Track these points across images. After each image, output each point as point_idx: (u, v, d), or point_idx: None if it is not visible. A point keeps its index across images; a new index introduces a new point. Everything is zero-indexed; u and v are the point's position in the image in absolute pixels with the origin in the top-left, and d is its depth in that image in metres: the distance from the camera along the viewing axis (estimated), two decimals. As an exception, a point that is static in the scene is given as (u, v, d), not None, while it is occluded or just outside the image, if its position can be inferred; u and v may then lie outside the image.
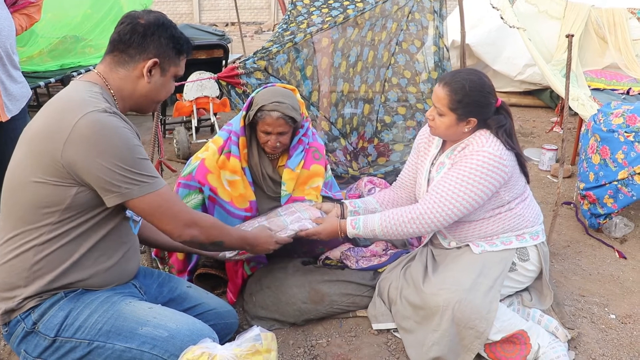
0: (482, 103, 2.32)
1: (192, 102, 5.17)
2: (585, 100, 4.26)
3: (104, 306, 1.70)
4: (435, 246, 2.62)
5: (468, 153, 2.31)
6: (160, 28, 1.74)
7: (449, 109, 2.31)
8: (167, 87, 1.84)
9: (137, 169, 1.62)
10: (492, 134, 2.35)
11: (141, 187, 1.63)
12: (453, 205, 2.28)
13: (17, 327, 1.68)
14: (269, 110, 2.58)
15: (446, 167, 2.42)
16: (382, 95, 4.39)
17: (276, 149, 2.71)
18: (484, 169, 2.26)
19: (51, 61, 5.48)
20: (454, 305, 2.24)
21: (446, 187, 2.29)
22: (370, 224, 2.39)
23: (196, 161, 2.72)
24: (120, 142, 1.59)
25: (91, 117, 1.57)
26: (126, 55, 1.73)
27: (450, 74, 2.37)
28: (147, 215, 1.69)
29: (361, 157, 4.15)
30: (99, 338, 1.65)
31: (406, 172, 2.77)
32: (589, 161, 3.61)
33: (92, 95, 1.66)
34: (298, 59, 3.62)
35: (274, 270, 2.70)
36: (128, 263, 1.85)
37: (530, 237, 2.47)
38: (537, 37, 5.16)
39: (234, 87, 3.27)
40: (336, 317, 2.67)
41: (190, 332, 1.66)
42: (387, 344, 2.51)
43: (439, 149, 2.55)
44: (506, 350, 2.35)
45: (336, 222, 2.47)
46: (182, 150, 5.12)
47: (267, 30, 16.25)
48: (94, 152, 1.56)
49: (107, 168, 1.57)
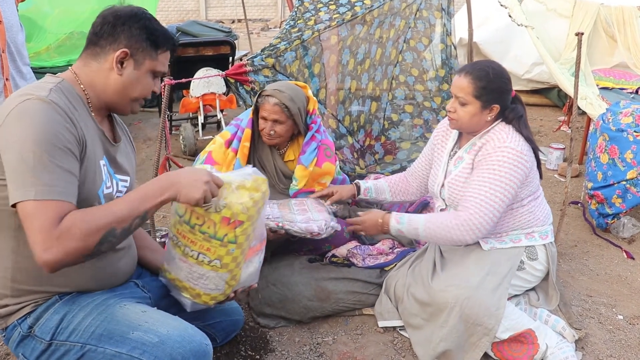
0: (503, 89, 2.35)
1: (199, 98, 5.17)
2: (593, 99, 4.23)
3: (99, 309, 1.65)
4: None
5: (491, 150, 2.30)
6: (133, 18, 1.65)
7: (473, 96, 2.31)
8: (142, 82, 1.71)
9: (33, 169, 1.43)
10: (510, 127, 2.35)
11: (22, 192, 1.42)
12: (493, 207, 2.26)
13: (14, 332, 1.65)
14: (267, 95, 2.69)
15: (465, 161, 2.42)
16: (390, 93, 4.37)
17: (271, 138, 2.75)
18: (509, 164, 2.26)
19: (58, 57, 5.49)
20: (463, 301, 2.24)
21: (483, 190, 2.27)
22: (414, 222, 2.37)
23: (204, 154, 2.80)
24: (33, 133, 1.44)
25: (21, 106, 1.48)
26: (97, 47, 1.65)
27: (469, 65, 2.40)
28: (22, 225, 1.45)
29: (368, 155, 4.13)
30: (91, 341, 1.60)
31: (420, 163, 2.78)
32: (597, 160, 3.59)
33: (39, 85, 1.58)
34: (306, 57, 3.61)
35: (280, 268, 2.70)
36: (119, 264, 1.79)
37: (540, 236, 2.46)
38: (545, 35, 5.13)
39: (242, 84, 3.27)
40: (342, 315, 2.67)
41: (182, 338, 1.59)
42: (394, 342, 2.50)
43: (455, 141, 2.55)
44: (514, 349, 2.34)
45: (380, 212, 2.47)
46: (189, 146, 5.12)
47: (274, 27, 16.24)
48: (9, 140, 1.46)
49: (11, 161, 1.45)
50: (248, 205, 1.67)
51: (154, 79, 1.76)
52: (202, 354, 1.62)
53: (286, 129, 2.75)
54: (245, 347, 2.43)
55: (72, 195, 1.49)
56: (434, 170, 2.62)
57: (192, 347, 1.59)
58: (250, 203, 1.67)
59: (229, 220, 1.67)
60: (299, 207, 2.63)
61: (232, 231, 1.69)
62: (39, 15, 5.64)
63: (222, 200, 1.65)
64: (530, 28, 4.45)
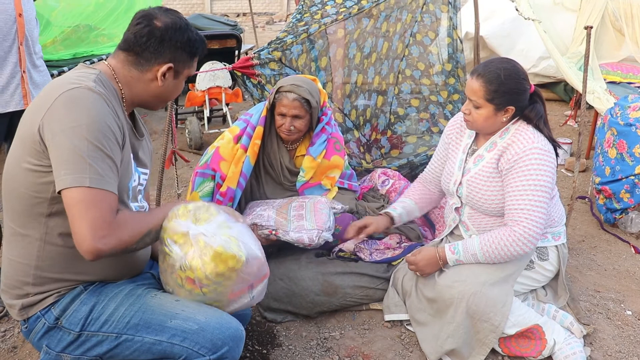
0: (518, 90, 2.28)
1: (205, 92, 5.16)
2: (601, 94, 4.20)
3: (130, 299, 1.69)
4: (455, 238, 2.59)
5: (521, 153, 2.24)
6: (177, 32, 1.71)
7: (485, 100, 2.27)
8: (178, 88, 1.83)
9: (88, 157, 1.47)
10: (532, 126, 2.31)
11: (74, 178, 1.46)
12: (540, 213, 2.22)
13: (38, 323, 1.66)
14: (286, 91, 2.66)
15: (485, 160, 2.38)
16: (396, 87, 4.36)
17: (290, 134, 2.74)
18: (543, 166, 2.23)
19: (64, 50, 5.44)
20: (469, 297, 2.23)
21: (527, 199, 2.22)
22: (470, 248, 2.32)
23: (212, 149, 2.78)
24: (87, 121, 1.49)
25: (70, 93, 1.52)
26: (141, 59, 1.70)
27: (482, 65, 2.33)
28: (67, 211, 1.50)
29: (374, 149, 4.13)
30: (128, 331, 1.64)
31: (435, 166, 2.72)
32: (605, 155, 3.57)
33: (82, 75, 1.62)
34: (312, 50, 3.60)
35: (287, 262, 2.69)
36: (138, 254, 1.82)
37: (552, 237, 2.44)
38: (552, 29, 5.10)
39: (249, 77, 3.26)
40: (349, 309, 2.66)
41: (220, 325, 1.65)
42: (401, 337, 2.50)
43: (472, 138, 2.51)
44: (521, 345, 2.33)
45: (434, 250, 2.41)
46: (194, 140, 5.12)
47: (279, 20, 16.19)
48: (60, 125, 1.49)
49: (61, 146, 1.47)
50: (211, 277, 1.60)
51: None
52: (238, 338, 1.69)
53: (305, 123, 2.75)
54: (252, 342, 2.43)
55: (116, 189, 1.56)
56: (448, 167, 2.57)
57: (230, 332, 1.66)
58: (212, 275, 1.60)
59: (193, 281, 1.63)
60: (296, 212, 2.62)
61: (199, 289, 1.65)
62: (44, 8, 5.61)
63: (187, 259, 1.60)
64: (537, 22, 4.41)
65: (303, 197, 2.77)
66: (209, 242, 1.60)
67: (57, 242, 1.62)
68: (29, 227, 1.63)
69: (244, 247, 1.66)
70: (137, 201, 1.84)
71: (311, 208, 2.62)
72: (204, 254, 1.60)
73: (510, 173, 2.28)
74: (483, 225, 2.46)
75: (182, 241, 1.63)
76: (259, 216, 2.56)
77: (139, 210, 1.82)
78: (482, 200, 2.37)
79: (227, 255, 1.60)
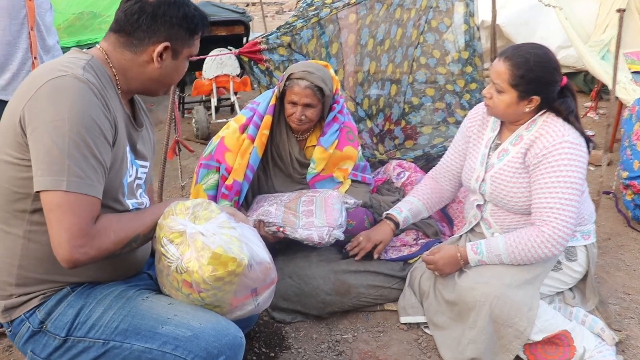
0: (546, 80, 2.11)
1: (212, 80, 5.04)
2: (627, 84, 4.01)
3: (119, 302, 1.55)
4: (475, 235, 2.43)
5: (550, 147, 2.09)
6: (172, 7, 1.55)
7: (509, 85, 2.11)
8: (179, 69, 1.67)
9: (67, 156, 1.34)
10: (561, 118, 2.14)
11: (51, 180, 1.34)
12: (571, 212, 2.07)
13: (22, 327, 1.54)
14: (298, 78, 2.51)
15: (510, 154, 2.21)
16: (410, 76, 4.19)
17: (301, 124, 2.59)
18: (574, 161, 2.07)
19: (67, 37, 5.33)
20: (492, 300, 2.08)
21: (557, 197, 2.06)
22: (494, 248, 2.17)
23: (216, 140, 2.64)
24: (70, 115, 1.35)
25: (54, 82, 1.38)
26: (134, 39, 1.55)
27: (512, 48, 2.16)
28: (45, 214, 1.39)
29: (387, 140, 3.97)
30: (116, 337, 1.50)
31: (453, 158, 2.55)
32: (634, 148, 3.38)
33: (71, 61, 1.48)
34: (323, 35, 3.45)
35: (297, 259, 2.54)
36: (135, 253, 1.67)
37: (582, 236, 2.27)
38: (573, 16, 4.88)
39: (257, 63, 3.10)
40: (363, 310, 2.52)
41: (216, 332, 1.50)
42: (418, 341, 2.35)
43: (496, 132, 2.34)
44: (548, 352, 2.18)
45: (454, 248, 2.26)
46: (201, 130, 4.99)
47: (288, 10, 16.03)
48: (40, 117, 1.36)
49: (40, 142, 1.35)
50: (209, 281, 1.46)
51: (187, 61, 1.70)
52: (237, 347, 1.53)
53: (317, 112, 2.60)
54: (259, 344, 2.29)
55: (100, 191, 1.43)
56: (469, 162, 2.41)
57: (227, 340, 1.50)
58: (211, 279, 1.46)
59: (190, 285, 1.50)
60: (306, 207, 2.46)
61: (197, 294, 1.52)
62: (48, -6, 5.51)
63: (183, 260, 1.47)
64: (558, 9, 4.23)
65: (313, 191, 2.62)
66: (207, 243, 1.45)
67: (41, 240, 1.47)
68: (11, 224, 1.50)
69: (246, 250, 1.51)
70: (136, 197, 1.70)
71: (322, 203, 2.45)
72: (201, 255, 1.45)
73: (538, 168, 2.11)
74: (507, 224, 2.29)
75: (178, 240, 1.48)
76: (266, 212, 2.41)
77: (137, 207, 1.68)
78: (507, 198, 2.21)
79: (226, 257, 1.45)
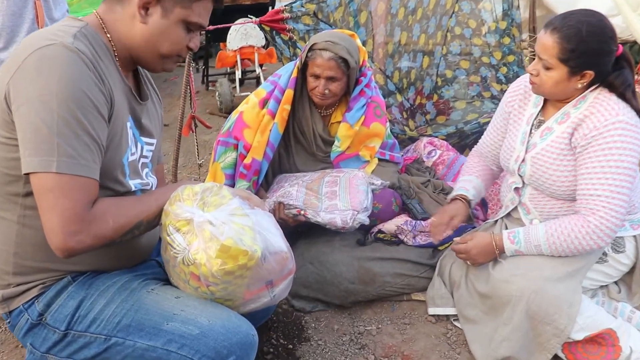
0: (601, 52, 1.89)
1: (236, 51, 4.92)
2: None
3: (122, 294, 1.44)
4: (512, 221, 2.25)
5: (601, 128, 1.88)
6: None
7: (559, 60, 1.89)
8: (172, 35, 1.45)
9: (56, 134, 1.23)
10: (616, 95, 1.93)
11: (40, 161, 1.23)
12: (621, 200, 1.88)
13: (20, 319, 1.45)
14: (320, 49, 2.35)
15: (555, 134, 2.02)
16: (444, 47, 3.99)
17: (325, 98, 2.43)
18: (629, 143, 1.86)
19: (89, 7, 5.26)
20: (529, 295, 1.93)
21: (607, 184, 1.88)
22: (534, 238, 2.01)
23: (235, 115, 2.51)
24: (58, 88, 1.23)
25: (41, 52, 1.26)
26: None
27: (560, 17, 1.93)
28: (36, 199, 1.29)
29: (419, 115, 3.79)
30: (118, 334, 1.40)
31: (492, 139, 2.37)
32: (688, 127, 3.11)
33: (62, 29, 1.34)
34: (351, 3, 3.27)
35: (318, 244, 2.41)
36: (141, 239, 1.56)
37: (631, 225, 2.07)
38: (621, -18, 4.58)
39: (279, 33, 2.94)
40: (388, 299, 2.39)
41: (226, 329, 1.38)
42: (447, 335, 2.20)
43: (539, 107, 2.13)
44: (589, 352, 2.01)
45: (489, 236, 2.10)
46: (225, 103, 4.90)
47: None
48: (26, 91, 1.24)
49: (26, 119, 1.24)
50: (218, 275, 1.34)
51: (188, 33, 1.49)
52: (248, 346, 1.42)
53: (341, 86, 2.44)
54: (276, 335, 2.17)
55: (97, 172, 1.32)
56: (508, 141, 2.22)
57: (238, 339, 1.39)
58: (220, 273, 1.33)
59: (198, 278, 1.37)
60: (329, 189, 2.32)
61: (206, 288, 1.39)
62: (69, -38, 5.41)
63: (190, 251, 1.34)
64: (605, -27, 3.95)
65: (338, 171, 2.46)
66: (215, 234, 1.31)
67: (36, 225, 1.35)
68: (4, 208, 1.40)
69: (260, 240, 1.37)
70: (141, 177, 1.56)
71: (346, 184, 2.30)
72: (208, 247, 1.32)
73: (586, 151, 1.92)
74: (547, 210, 2.11)
75: (185, 229, 1.36)
76: (287, 193, 2.27)
77: (141, 188, 1.55)
78: (550, 182, 2.02)
79: (236, 250, 1.31)
